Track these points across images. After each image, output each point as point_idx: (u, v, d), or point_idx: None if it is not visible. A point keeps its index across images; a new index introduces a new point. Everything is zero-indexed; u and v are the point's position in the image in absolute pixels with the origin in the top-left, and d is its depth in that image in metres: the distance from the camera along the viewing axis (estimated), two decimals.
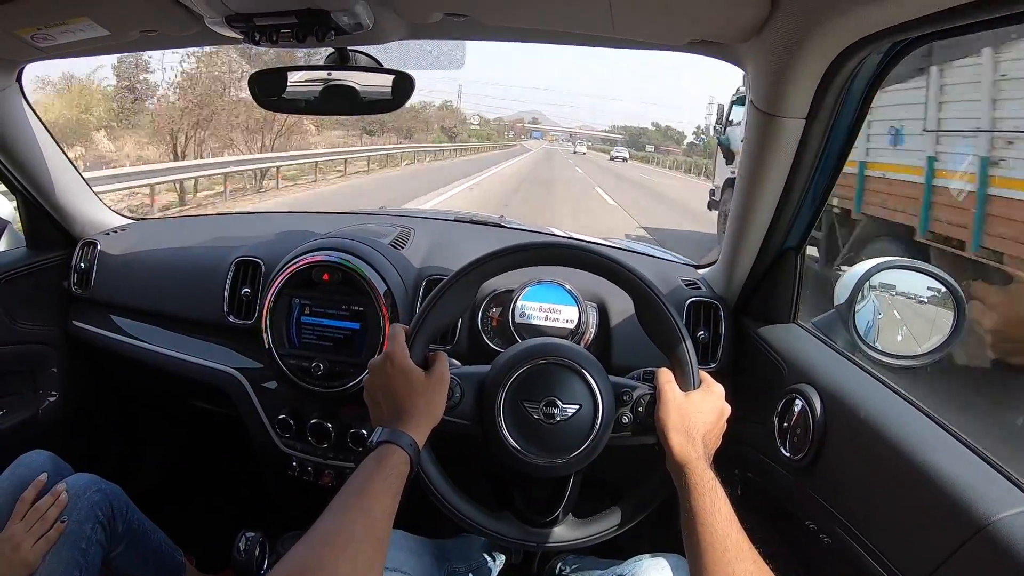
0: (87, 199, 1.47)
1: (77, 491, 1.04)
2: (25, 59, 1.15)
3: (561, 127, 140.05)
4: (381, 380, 0.75)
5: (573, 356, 0.81)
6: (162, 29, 0.98)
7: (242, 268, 1.28)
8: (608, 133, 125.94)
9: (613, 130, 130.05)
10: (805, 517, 0.87)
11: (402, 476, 0.68)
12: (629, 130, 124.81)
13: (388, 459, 0.68)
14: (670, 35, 0.83)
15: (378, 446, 0.69)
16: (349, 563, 0.57)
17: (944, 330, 0.99)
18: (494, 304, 1.20)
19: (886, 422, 0.76)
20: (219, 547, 1.24)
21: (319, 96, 1.08)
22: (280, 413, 1.22)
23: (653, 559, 0.87)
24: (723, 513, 0.68)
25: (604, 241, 1.56)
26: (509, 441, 0.78)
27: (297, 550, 0.57)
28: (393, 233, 1.34)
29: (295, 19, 0.83)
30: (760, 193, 0.93)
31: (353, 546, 0.58)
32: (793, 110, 0.80)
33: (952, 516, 0.61)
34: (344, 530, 0.59)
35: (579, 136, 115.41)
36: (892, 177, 4.69)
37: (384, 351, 0.76)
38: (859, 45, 0.69)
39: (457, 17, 0.87)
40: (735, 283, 1.12)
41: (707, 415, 0.78)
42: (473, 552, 1.02)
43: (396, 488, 0.66)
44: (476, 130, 72.24)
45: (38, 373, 1.46)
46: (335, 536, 0.59)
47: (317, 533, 0.59)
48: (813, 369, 0.92)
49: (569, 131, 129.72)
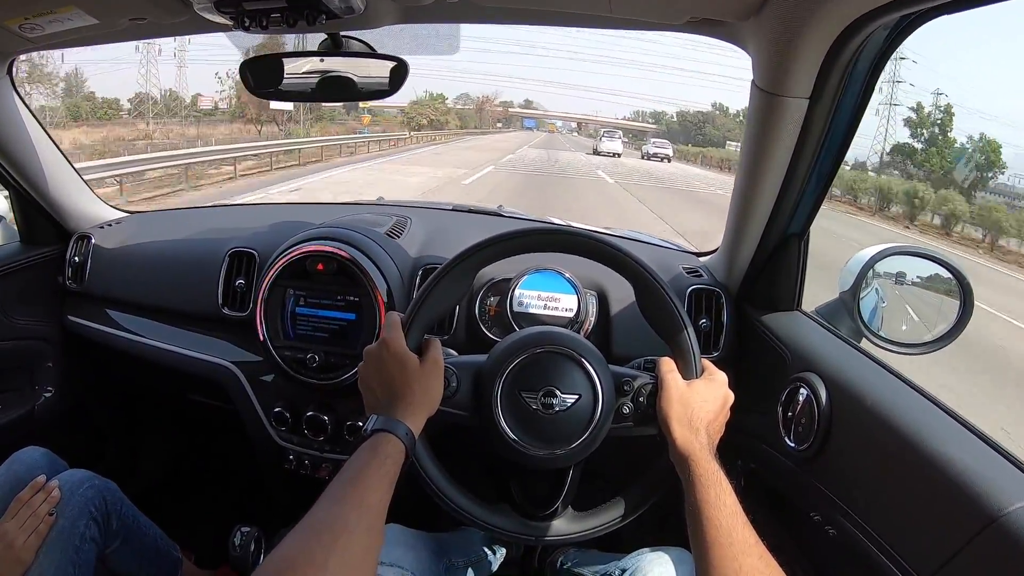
0: (80, 192, 1.46)
1: (71, 487, 1.03)
2: (15, 50, 1.13)
3: (568, 114, 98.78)
4: (376, 366, 0.74)
5: (572, 345, 0.79)
6: (151, 16, 0.96)
7: (236, 259, 1.27)
8: (633, 123, 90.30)
9: (638, 117, 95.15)
10: (810, 508, 0.85)
11: (397, 465, 0.66)
12: (661, 117, 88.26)
13: (383, 448, 0.66)
14: (669, 13, 0.81)
15: (372, 434, 0.68)
16: (341, 554, 0.55)
17: (950, 317, 0.98)
18: (492, 293, 1.18)
19: (893, 411, 0.74)
20: (216, 542, 1.23)
21: (316, 85, 1.07)
22: (276, 406, 1.21)
23: (655, 552, 0.85)
24: (728, 506, 0.67)
25: (604, 230, 1.54)
26: (507, 432, 0.77)
27: (288, 541, 0.56)
28: (389, 222, 1.32)
29: (285, 3, 0.81)
30: (762, 177, 0.91)
31: (345, 537, 0.56)
32: (796, 90, 0.78)
33: (962, 507, 0.60)
34: (337, 521, 0.58)
35: (594, 125, 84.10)
36: None
37: (380, 338, 0.75)
38: (864, 20, 0.67)
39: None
40: (737, 270, 1.11)
41: (710, 404, 0.76)
42: (473, 546, 1.01)
43: (391, 478, 0.64)
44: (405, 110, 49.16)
45: (34, 369, 1.45)
46: (328, 527, 0.57)
47: (309, 524, 0.58)
48: (817, 357, 0.90)
49: (578, 119, 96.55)
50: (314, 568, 0.53)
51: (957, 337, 0.97)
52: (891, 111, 32.07)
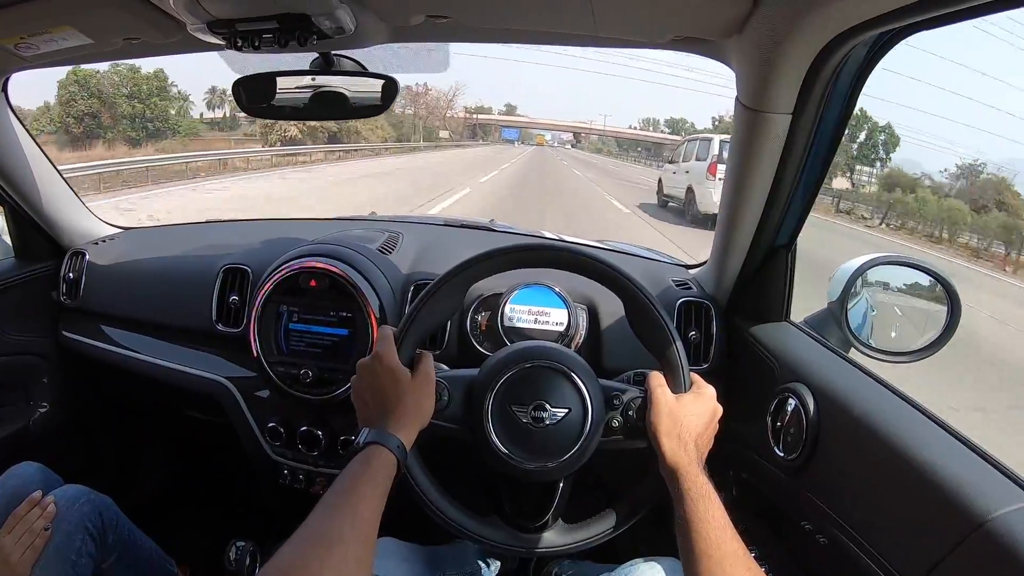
0: (75, 208, 1.46)
1: (67, 503, 1.03)
2: (9, 69, 1.14)
3: (561, 123, 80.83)
4: (369, 380, 0.75)
5: (561, 359, 0.80)
6: (145, 36, 0.97)
7: (230, 276, 1.27)
8: (643, 132, 74.60)
9: (647, 126, 77.63)
10: (800, 517, 0.86)
11: (389, 478, 0.67)
12: (680, 125, 71.21)
13: (375, 460, 0.67)
14: (653, 32, 0.82)
15: (365, 447, 0.69)
16: (335, 565, 0.56)
17: (938, 325, 0.99)
18: (482, 308, 1.18)
19: (880, 419, 0.75)
20: (212, 556, 1.23)
21: (308, 102, 1.08)
22: (270, 421, 1.21)
23: (647, 563, 0.85)
24: (717, 519, 0.67)
25: (594, 243, 1.55)
26: (497, 445, 0.77)
27: (284, 551, 0.56)
28: (381, 238, 1.33)
29: (276, 24, 0.82)
30: (748, 191, 0.93)
31: (340, 548, 0.57)
32: (779, 106, 0.80)
33: (949, 513, 0.61)
34: (332, 532, 0.58)
35: (594, 135, 72.13)
36: None
37: (373, 351, 0.76)
38: (844, 37, 0.68)
39: (439, 19, 0.86)
40: (726, 282, 1.12)
41: (699, 418, 0.76)
42: (467, 559, 1.01)
43: (383, 489, 0.65)
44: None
45: (29, 384, 1.45)
46: (323, 537, 0.58)
47: (304, 534, 0.58)
48: (806, 367, 0.91)
49: (572, 128, 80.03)
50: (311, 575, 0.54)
51: (946, 344, 0.98)
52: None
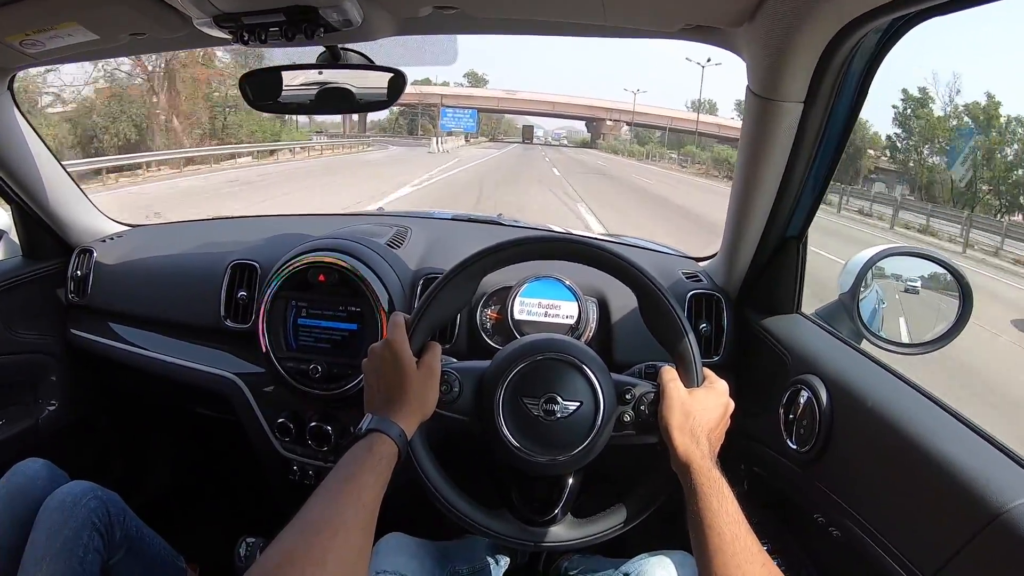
0: (82, 206, 1.46)
1: (74, 499, 1.02)
2: (15, 66, 1.14)
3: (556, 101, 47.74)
4: (377, 364, 0.75)
5: (573, 351, 0.79)
6: (151, 32, 0.97)
7: (238, 271, 1.27)
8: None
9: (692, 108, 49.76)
10: (813, 510, 0.85)
11: (390, 467, 0.67)
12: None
13: (377, 448, 0.67)
14: (663, 21, 0.82)
15: (367, 434, 0.69)
16: (338, 551, 0.55)
17: (950, 317, 0.98)
18: (492, 301, 1.18)
19: (894, 411, 0.74)
20: (222, 553, 1.23)
21: (315, 97, 1.08)
22: (279, 417, 1.21)
23: (657, 557, 0.85)
24: (730, 514, 0.67)
25: (603, 235, 1.54)
26: (508, 437, 0.77)
27: (286, 536, 0.56)
28: (389, 233, 1.33)
29: (283, 17, 0.82)
30: (759, 181, 0.92)
31: (343, 534, 0.57)
32: (791, 94, 0.79)
33: (964, 505, 0.60)
34: (335, 518, 0.58)
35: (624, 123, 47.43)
36: None
37: (384, 336, 0.76)
38: (856, 24, 0.67)
39: (447, 10, 0.86)
40: (736, 274, 1.11)
41: (711, 413, 0.76)
42: (477, 553, 1.01)
43: (384, 477, 0.65)
44: None
45: (37, 382, 1.45)
46: (326, 524, 0.58)
47: (307, 520, 0.58)
48: (818, 359, 0.90)
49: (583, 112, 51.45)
50: (313, 565, 0.53)
51: (957, 335, 0.98)
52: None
